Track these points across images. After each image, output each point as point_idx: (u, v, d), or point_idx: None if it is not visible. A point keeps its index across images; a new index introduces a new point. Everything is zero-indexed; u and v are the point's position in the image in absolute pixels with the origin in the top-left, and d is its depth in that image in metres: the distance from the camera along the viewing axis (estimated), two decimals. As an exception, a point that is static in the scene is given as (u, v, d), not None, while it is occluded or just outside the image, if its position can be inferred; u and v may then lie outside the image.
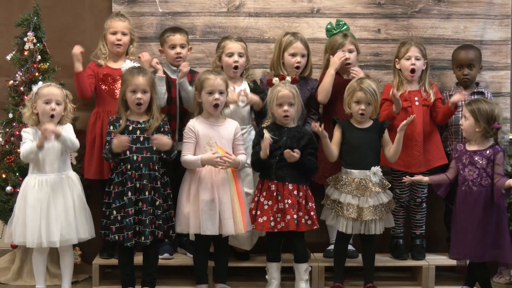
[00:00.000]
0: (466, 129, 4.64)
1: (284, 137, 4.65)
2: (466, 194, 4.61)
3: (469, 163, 4.60)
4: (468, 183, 4.60)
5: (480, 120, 4.56)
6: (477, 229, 4.56)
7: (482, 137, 4.60)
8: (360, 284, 4.84)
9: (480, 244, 4.55)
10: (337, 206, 4.72)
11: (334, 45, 5.04)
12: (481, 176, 4.58)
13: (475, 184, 4.58)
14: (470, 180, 4.59)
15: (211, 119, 4.68)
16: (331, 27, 5.09)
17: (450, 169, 4.72)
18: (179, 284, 4.96)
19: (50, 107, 4.55)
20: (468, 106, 4.62)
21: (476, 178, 4.59)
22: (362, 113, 4.70)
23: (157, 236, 4.56)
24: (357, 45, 5.09)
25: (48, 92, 4.56)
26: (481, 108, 4.58)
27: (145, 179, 4.52)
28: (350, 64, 5.03)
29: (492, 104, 4.62)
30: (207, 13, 5.37)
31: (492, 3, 5.39)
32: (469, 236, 4.57)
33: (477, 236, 4.56)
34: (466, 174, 4.60)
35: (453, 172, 4.70)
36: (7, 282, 5.03)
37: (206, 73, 4.69)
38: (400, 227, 5.19)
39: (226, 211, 4.54)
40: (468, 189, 4.60)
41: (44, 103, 4.55)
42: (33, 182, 4.55)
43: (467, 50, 5.16)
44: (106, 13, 5.30)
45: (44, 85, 4.61)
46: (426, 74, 5.10)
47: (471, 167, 4.60)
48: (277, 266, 4.76)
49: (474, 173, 4.59)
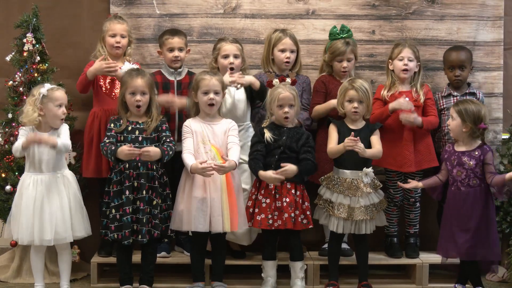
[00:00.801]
0: (453, 129, 4.67)
1: (283, 137, 4.70)
2: (455, 194, 4.65)
3: (457, 164, 4.64)
4: (457, 183, 4.65)
5: (467, 121, 4.60)
6: (467, 228, 4.60)
7: (469, 137, 4.64)
8: (355, 282, 4.88)
9: (470, 243, 4.59)
10: (329, 206, 4.76)
11: (335, 51, 5.06)
12: (469, 176, 4.62)
13: (463, 185, 4.63)
14: (459, 180, 4.64)
15: (207, 119, 4.73)
16: (336, 31, 5.11)
17: (441, 171, 4.76)
18: (176, 282, 4.99)
19: (62, 110, 4.61)
20: (455, 107, 4.66)
21: (464, 178, 4.63)
22: (355, 111, 4.73)
23: (153, 236, 4.60)
24: (356, 53, 5.14)
25: (61, 96, 4.61)
26: (468, 109, 4.61)
27: (142, 178, 4.56)
28: (346, 72, 5.10)
29: (479, 105, 4.66)
30: (203, 14, 5.41)
31: (485, 5, 5.43)
32: (459, 235, 4.61)
33: (467, 235, 4.59)
34: (454, 174, 4.65)
35: (444, 174, 4.74)
36: (6, 280, 5.06)
37: (202, 73, 4.74)
38: (394, 226, 5.23)
39: (216, 209, 4.57)
40: (457, 189, 4.65)
41: (57, 106, 4.59)
42: (28, 181, 4.59)
43: (459, 51, 5.19)
44: (104, 14, 5.34)
45: (54, 88, 4.63)
46: (419, 76, 5.13)
47: (459, 167, 4.64)
48: (273, 264, 4.81)
49: (462, 174, 4.63)
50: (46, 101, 4.58)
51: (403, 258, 5.16)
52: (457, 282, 4.83)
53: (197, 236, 4.69)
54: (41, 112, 4.57)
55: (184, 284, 4.92)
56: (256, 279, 4.93)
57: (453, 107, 4.68)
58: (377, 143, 4.75)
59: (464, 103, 4.67)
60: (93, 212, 4.88)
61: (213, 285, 4.75)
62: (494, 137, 5.44)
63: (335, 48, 5.08)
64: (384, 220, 4.89)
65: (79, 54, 5.34)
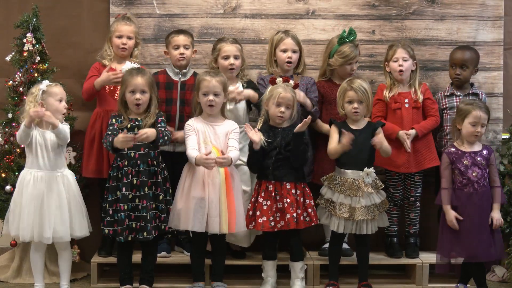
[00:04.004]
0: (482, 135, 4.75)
1: (278, 138, 4.71)
2: (471, 195, 4.63)
3: (473, 164, 4.64)
4: (472, 184, 4.63)
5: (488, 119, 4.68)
6: (483, 230, 4.60)
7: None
8: (355, 282, 4.88)
9: (482, 244, 4.59)
10: (330, 206, 4.76)
11: (347, 56, 5.05)
12: (483, 176, 4.63)
13: (479, 185, 4.62)
14: (475, 181, 4.63)
15: (209, 119, 4.74)
16: (345, 35, 5.08)
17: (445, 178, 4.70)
18: (176, 282, 5.00)
19: (63, 105, 4.64)
20: (485, 112, 4.69)
21: (480, 178, 4.63)
22: (355, 111, 4.73)
23: (164, 230, 4.63)
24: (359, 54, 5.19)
25: (60, 91, 4.65)
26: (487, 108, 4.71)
27: (143, 176, 4.57)
28: (353, 73, 5.12)
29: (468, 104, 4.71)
30: (204, 14, 5.41)
31: (485, 5, 5.44)
32: (473, 237, 4.59)
33: (482, 237, 4.60)
34: (470, 175, 4.63)
35: (450, 180, 4.70)
36: (6, 280, 5.07)
37: (204, 74, 4.74)
38: (394, 226, 5.23)
39: (214, 209, 4.57)
40: (473, 191, 4.63)
41: (57, 101, 4.62)
42: (28, 177, 4.59)
43: (463, 51, 5.19)
44: (104, 14, 5.35)
45: (53, 84, 4.67)
46: (416, 75, 5.13)
47: (474, 168, 4.64)
48: (273, 264, 4.81)
49: (478, 174, 4.63)
50: (46, 96, 4.60)
51: (403, 258, 5.17)
52: (459, 282, 4.83)
53: (197, 236, 4.70)
54: (42, 108, 4.58)
55: (184, 284, 4.92)
56: (256, 279, 4.93)
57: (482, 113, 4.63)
58: (384, 140, 4.75)
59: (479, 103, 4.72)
60: (93, 212, 4.88)
61: (213, 285, 4.75)
62: (494, 137, 5.45)
63: (345, 53, 5.05)
64: (386, 221, 4.88)
65: (79, 54, 5.36)
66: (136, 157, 4.58)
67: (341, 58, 5.08)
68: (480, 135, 4.68)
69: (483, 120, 4.65)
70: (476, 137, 4.68)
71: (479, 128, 4.65)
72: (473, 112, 4.65)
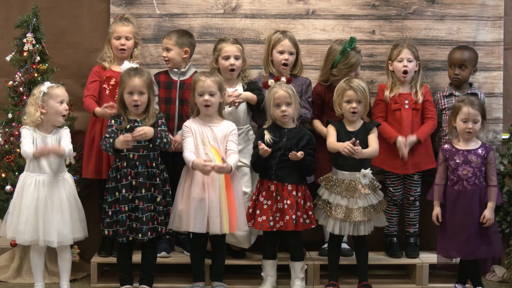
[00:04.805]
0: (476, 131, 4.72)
1: (284, 138, 4.71)
2: (459, 193, 4.65)
3: (464, 162, 4.65)
4: (462, 182, 4.65)
5: (484, 117, 4.69)
6: (472, 228, 4.61)
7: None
8: (355, 282, 4.88)
9: (473, 242, 4.60)
10: (327, 206, 4.76)
11: (353, 64, 5.02)
12: (475, 175, 4.63)
13: (469, 183, 4.63)
14: (465, 179, 4.64)
15: (206, 120, 4.74)
16: (347, 46, 5.04)
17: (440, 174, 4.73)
18: (176, 282, 5.00)
19: (63, 107, 4.64)
20: (477, 109, 4.67)
21: (471, 177, 4.63)
22: (353, 111, 4.72)
23: (161, 232, 4.61)
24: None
25: (61, 93, 4.65)
26: (480, 104, 4.71)
27: (141, 177, 4.57)
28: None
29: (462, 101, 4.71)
30: (204, 14, 5.42)
31: (485, 5, 5.44)
32: (463, 235, 4.62)
33: (472, 234, 4.60)
34: (460, 173, 4.65)
35: (444, 176, 4.73)
36: (6, 280, 5.07)
37: (199, 74, 4.74)
38: (394, 226, 5.23)
39: (214, 210, 4.57)
40: (462, 188, 4.64)
41: (58, 103, 4.62)
42: (30, 181, 4.59)
43: (462, 51, 5.20)
44: (104, 14, 5.35)
45: (55, 86, 4.67)
46: (418, 76, 5.14)
47: (465, 166, 4.64)
48: (273, 264, 4.81)
49: (469, 172, 4.64)
50: (47, 98, 4.61)
51: (403, 258, 5.17)
52: (457, 282, 4.83)
53: (197, 236, 4.70)
54: (43, 110, 4.59)
55: (184, 284, 4.92)
56: (256, 279, 4.94)
57: (472, 109, 4.63)
58: (373, 142, 4.73)
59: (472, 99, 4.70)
60: (92, 213, 4.89)
61: (213, 285, 4.75)
62: (494, 137, 5.45)
63: (350, 63, 5.02)
64: (384, 221, 4.89)
65: (79, 54, 5.36)
66: (135, 158, 4.58)
67: (346, 68, 5.05)
68: (473, 131, 4.66)
69: (473, 116, 4.63)
70: (469, 134, 4.66)
71: (471, 124, 4.64)
72: (463, 109, 4.65)
